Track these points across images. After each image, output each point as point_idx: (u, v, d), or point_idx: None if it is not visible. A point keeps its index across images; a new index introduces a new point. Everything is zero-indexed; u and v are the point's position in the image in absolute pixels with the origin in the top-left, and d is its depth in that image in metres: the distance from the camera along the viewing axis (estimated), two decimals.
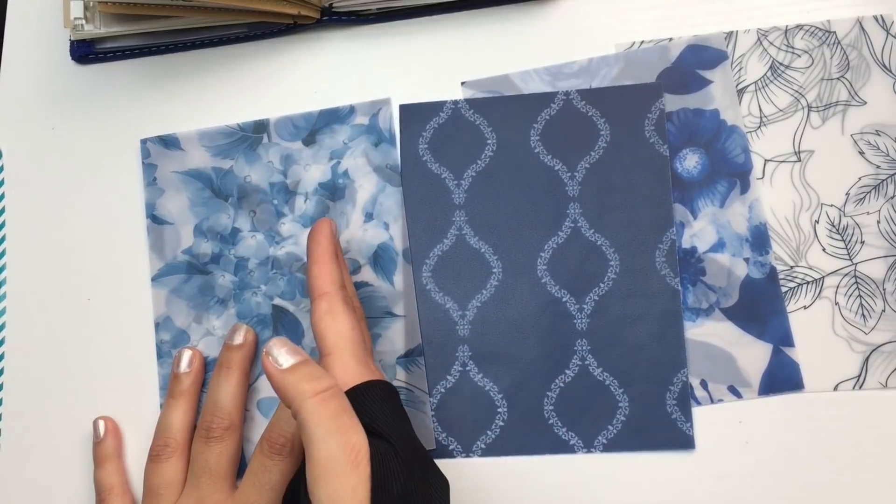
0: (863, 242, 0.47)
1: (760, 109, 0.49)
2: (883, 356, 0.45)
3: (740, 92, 0.49)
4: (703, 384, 0.46)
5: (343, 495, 0.36)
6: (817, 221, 0.47)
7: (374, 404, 0.39)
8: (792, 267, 0.47)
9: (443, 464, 0.43)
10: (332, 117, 0.51)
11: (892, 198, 0.47)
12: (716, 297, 0.47)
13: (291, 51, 0.53)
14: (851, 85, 0.49)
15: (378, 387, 0.41)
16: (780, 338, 0.46)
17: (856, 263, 0.46)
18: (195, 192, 0.51)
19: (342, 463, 0.36)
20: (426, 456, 0.40)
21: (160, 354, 0.49)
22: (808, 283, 0.46)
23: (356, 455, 0.36)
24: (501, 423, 0.46)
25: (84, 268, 0.51)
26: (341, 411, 0.37)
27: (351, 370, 0.41)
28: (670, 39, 0.50)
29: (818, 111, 0.49)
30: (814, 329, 0.46)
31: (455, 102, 0.51)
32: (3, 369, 0.50)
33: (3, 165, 0.53)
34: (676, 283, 0.47)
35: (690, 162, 0.48)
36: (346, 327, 0.42)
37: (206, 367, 0.48)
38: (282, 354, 0.38)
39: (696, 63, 0.50)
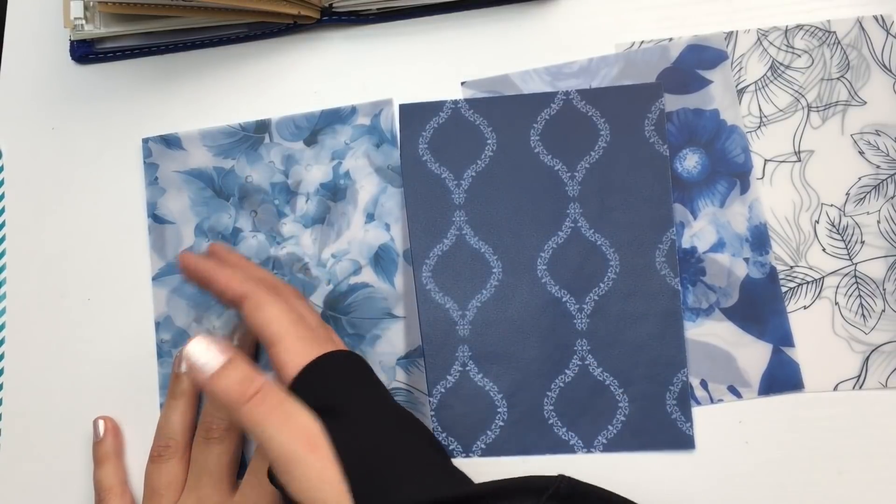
0: (863, 242, 0.47)
1: (760, 109, 0.49)
2: (883, 356, 0.45)
3: (740, 92, 0.49)
4: (703, 384, 0.46)
5: (311, 480, 0.35)
6: (817, 221, 0.47)
7: (325, 379, 0.39)
8: (792, 267, 0.47)
9: None
10: (333, 117, 0.51)
11: (892, 198, 0.47)
12: (716, 297, 0.47)
13: (291, 51, 0.53)
14: (851, 85, 0.49)
15: (329, 359, 0.40)
16: (780, 338, 0.46)
17: (856, 263, 0.46)
18: (196, 191, 0.51)
19: (299, 451, 0.36)
20: (397, 411, 0.40)
21: (160, 354, 0.49)
22: (808, 283, 0.46)
23: (310, 439, 0.36)
24: (501, 423, 0.46)
25: (84, 268, 0.51)
26: (279, 403, 0.37)
27: (296, 353, 0.40)
28: (670, 39, 0.50)
29: (818, 111, 0.49)
30: (814, 329, 0.46)
31: (455, 102, 0.51)
32: (3, 369, 0.50)
33: (3, 165, 0.53)
34: (676, 283, 0.47)
35: (690, 162, 0.48)
36: (277, 313, 0.41)
37: None
38: (206, 357, 0.36)
39: (696, 63, 0.50)
